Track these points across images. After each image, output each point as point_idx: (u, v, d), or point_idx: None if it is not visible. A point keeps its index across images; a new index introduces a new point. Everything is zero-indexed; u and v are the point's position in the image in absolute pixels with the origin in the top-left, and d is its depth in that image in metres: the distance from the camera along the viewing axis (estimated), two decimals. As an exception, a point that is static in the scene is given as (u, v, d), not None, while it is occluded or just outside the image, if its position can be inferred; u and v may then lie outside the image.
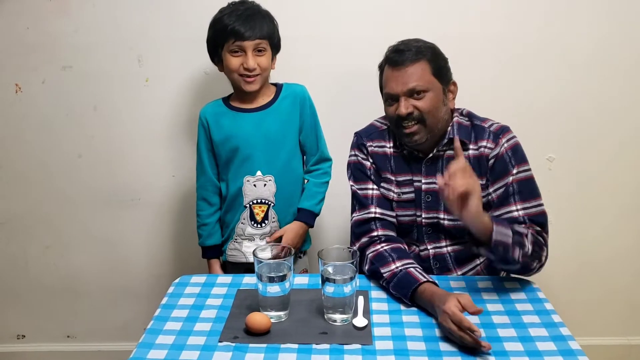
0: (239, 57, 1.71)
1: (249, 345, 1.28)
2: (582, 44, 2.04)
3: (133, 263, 2.31)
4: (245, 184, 1.79)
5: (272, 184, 1.79)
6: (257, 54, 1.71)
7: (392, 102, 1.58)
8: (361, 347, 1.27)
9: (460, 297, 1.29)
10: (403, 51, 1.55)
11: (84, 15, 2.04)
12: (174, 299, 1.50)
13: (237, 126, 1.78)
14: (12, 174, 2.21)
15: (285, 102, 1.81)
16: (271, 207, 1.81)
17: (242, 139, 1.77)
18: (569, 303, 2.09)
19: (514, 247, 1.41)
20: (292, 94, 1.82)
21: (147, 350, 1.27)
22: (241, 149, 1.77)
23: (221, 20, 1.71)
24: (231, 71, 1.74)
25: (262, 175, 1.78)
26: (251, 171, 1.78)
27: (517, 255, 1.42)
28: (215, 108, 1.82)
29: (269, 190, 1.79)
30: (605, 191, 2.19)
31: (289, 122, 1.80)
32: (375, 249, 1.56)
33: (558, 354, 1.24)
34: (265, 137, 1.77)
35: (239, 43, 1.69)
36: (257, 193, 1.79)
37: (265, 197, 1.80)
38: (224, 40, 1.71)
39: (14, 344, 2.41)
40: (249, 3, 1.76)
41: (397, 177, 1.65)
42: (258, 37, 1.70)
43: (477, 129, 1.61)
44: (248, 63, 1.70)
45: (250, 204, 1.80)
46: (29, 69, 2.09)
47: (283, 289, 1.36)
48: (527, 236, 1.46)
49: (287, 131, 1.80)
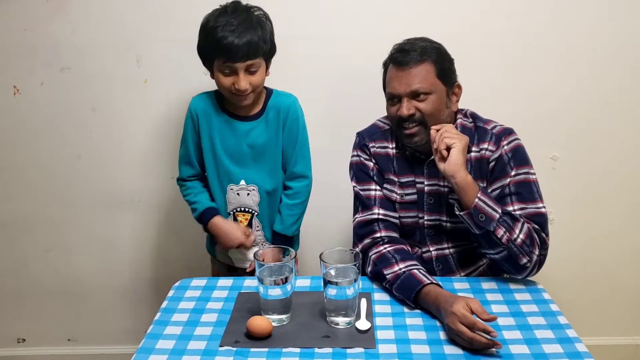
0: (230, 76, 1.63)
1: (250, 349, 1.27)
2: (586, 42, 2.02)
3: (133, 265, 2.30)
4: (229, 192, 1.76)
5: (255, 194, 1.76)
6: (249, 74, 1.63)
7: (394, 102, 1.56)
8: (364, 350, 1.25)
9: (469, 301, 1.28)
10: (408, 51, 1.53)
11: (82, 16, 2.03)
12: (174, 302, 1.49)
13: (225, 133, 1.73)
14: (11, 176, 2.20)
15: (271, 113, 1.74)
16: (255, 216, 1.78)
17: (228, 147, 1.73)
18: (574, 303, 2.07)
19: (499, 225, 1.42)
20: (277, 105, 1.74)
21: (146, 356, 1.26)
22: (226, 156, 1.73)
23: (213, 33, 1.60)
24: (222, 89, 1.68)
25: (246, 184, 1.75)
26: (235, 180, 1.75)
27: (500, 235, 1.42)
28: (206, 105, 1.75)
29: (252, 199, 1.76)
30: (609, 190, 2.18)
31: (273, 134, 1.74)
32: (378, 251, 1.54)
33: (565, 356, 1.22)
34: (251, 148, 1.73)
35: (230, 64, 1.60)
36: (241, 202, 1.77)
37: (249, 205, 1.77)
38: (214, 56, 1.63)
39: (15, 347, 2.40)
40: (243, 10, 1.64)
41: (400, 179, 1.63)
42: (251, 58, 1.60)
43: (479, 131, 1.59)
44: (240, 84, 1.61)
45: (234, 211, 1.78)
46: (27, 70, 2.08)
47: (285, 291, 1.35)
48: (521, 224, 1.44)
49: (272, 143, 1.74)
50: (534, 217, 1.50)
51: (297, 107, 1.76)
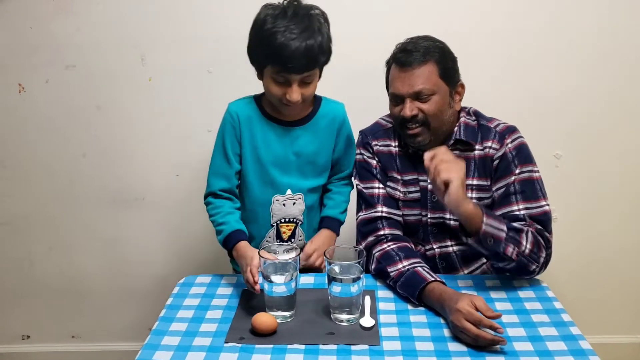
0: (282, 86, 1.49)
1: (256, 346, 1.27)
2: (589, 40, 2.02)
3: (137, 263, 2.30)
4: (274, 203, 1.63)
5: (301, 202, 1.64)
6: (303, 84, 1.50)
7: (397, 103, 1.56)
8: (369, 347, 1.26)
9: (474, 298, 1.28)
10: (411, 51, 1.52)
11: (87, 14, 2.03)
12: (179, 299, 1.49)
13: (269, 139, 1.59)
14: (16, 174, 2.21)
15: (323, 121, 1.62)
16: (299, 225, 1.67)
17: (274, 155, 1.60)
18: (577, 301, 2.07)
19: (507, 244, 1.40)
20: (331, 112, 1.64)
21: (152, 352, 1.26)
22: (272, 165, 1.60)
23: (270, 38, 1.43)
24: (271, 96, 1.54)
25: (292, 194, 1.63)
26: (281, 190, 1.62)
27: (510, 252, 1.41)
28: (247, 109, 1.60)
29: (298, 208, 1.65)
30: (613, 188, 2.18)
31: (324, 142, 1.63)
32: (382, 248, 1.55)
33: (569, 353, 1.22)
34: (298, 156, 1.61)
35: (285, 75, 1.47)
36: (286, 212, 1.64)
37: (294, 215, 1.65)
38: (268, 63, 1.48)
39: (19, 344, 2.41)
40: (304, 14, 1.47)
41: (404, 176, 1.63)
42: (308, 70, 1.47)
43: (483, 129, 1.59)
44: (292, 96, 1.48)
45: (278, 223, 1.66)
46: (32, 68, 2.09)
47: (289, 288, 1.35)
48: (525, 234, 1.44)
49: (321, 151, 1.63)
50: (538, 216, 1.50)
51: (346, 115, 1.68)
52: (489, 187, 1.56)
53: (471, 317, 1.24)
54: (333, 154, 1.67)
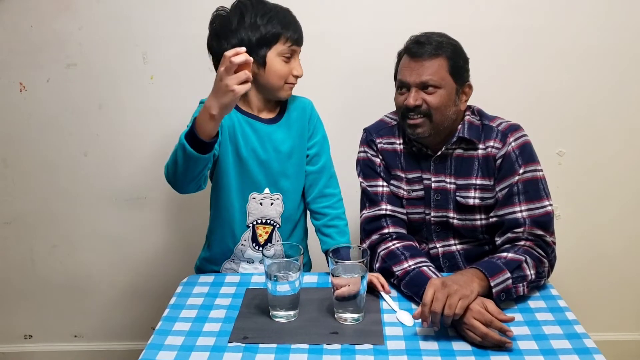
0: (289, 63, 1.52)
1: (259, 345, 1.27)
2: (592, 38, 2.02)
3: (140, 262, 2.30)
4: (251, 201, 1.60)
5: (279, 203, 1.62)
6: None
7: (403, 91, 1.56)
8: (373, 347, 1.25)
9: (485, 301, 1.28)
10: (423, 44, 1.52)
11: (88, 12, 2.02)
12: (182, 299, 1.49)
13: (247, 133, 1.57)
14: (18, 173, 2.21)
15: (294, 115, 1.62)
16: (276, 228, 1.65)
17: (253, 150, 1.57)
18: (580, 298, 2.06)
19: (517, 286, 1.40)
20: (300, 104, 1.64)
21: (156, 352, 1.26)
22: (250, 161, 1.58)
23: (279, 13, 1.50)
24: (279, 77, 1.52)
25: (270, 193, 1.62)
26: (258, 187, 1.60)
27: (521, 291, 1.41)
28: None
29: (275, 210, 1.62)
30: (615, 185, 2.17)
31: (298, 136, 1.62)
32: (387, 247, 1.54)
33: (573, 352, 1.22)
34: (276, 152, 1.59)
35: (294, 47, 1.52)
36: (263, 212, 1.61)
37: (271, 217, 1.63)
38: (278, 39, 1.49)
39: (21, 343, 2.41)
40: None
41: (407, 175, 1.63)
42: (302, 41, 1.55)
43: (486, 129, 1.58)
44: (299, 70, 1.54)
45: (254, 223, 1.64)
46: (33, 67, 2.08)
47: (293, 287, 1.35)
48: (526, 262, 1.42)
49: (296, 146, 1.62)
50: (539, 217, 1.49)
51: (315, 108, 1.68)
52: (492, 186, 1.55)
53: (482, 317, 1.24)
54: (309, 149, 1.65)
